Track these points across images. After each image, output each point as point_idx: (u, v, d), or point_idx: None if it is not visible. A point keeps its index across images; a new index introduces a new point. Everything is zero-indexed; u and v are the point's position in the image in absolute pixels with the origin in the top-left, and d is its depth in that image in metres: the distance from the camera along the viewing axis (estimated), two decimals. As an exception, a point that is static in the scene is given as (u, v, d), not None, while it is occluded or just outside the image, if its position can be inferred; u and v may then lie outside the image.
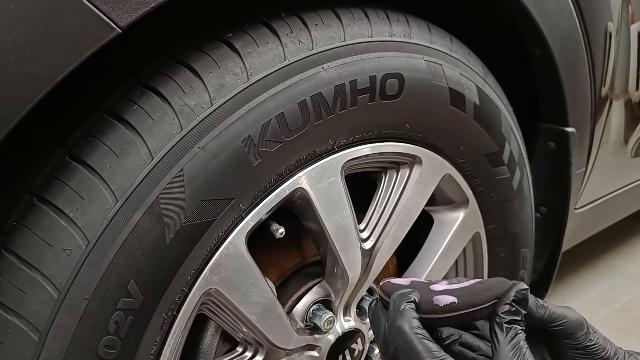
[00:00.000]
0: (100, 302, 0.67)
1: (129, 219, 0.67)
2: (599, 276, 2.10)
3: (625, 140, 1.48)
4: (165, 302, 0.73)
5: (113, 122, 0.69)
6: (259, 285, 0.81)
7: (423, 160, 0.94)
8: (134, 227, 0.68)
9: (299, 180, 0.81)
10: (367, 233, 0.93)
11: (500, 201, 1.08)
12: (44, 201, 0.67)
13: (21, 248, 0.67)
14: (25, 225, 0.67)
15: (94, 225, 0.66)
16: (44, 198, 0.67)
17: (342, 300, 0.94)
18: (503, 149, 1.04)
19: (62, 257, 0.66)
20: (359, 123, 0.84)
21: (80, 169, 0.67)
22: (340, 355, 0.97)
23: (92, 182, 0.67)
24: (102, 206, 0.67)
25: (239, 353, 0.89)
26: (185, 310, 0.76)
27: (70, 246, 0.66)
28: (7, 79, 0.55)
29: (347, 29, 0.81)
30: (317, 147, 0.81)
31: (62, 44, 0.57)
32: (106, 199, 0.67)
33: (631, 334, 1.77)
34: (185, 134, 0.69)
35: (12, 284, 0.66)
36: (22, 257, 0.66)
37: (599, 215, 1.59)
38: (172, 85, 0.70)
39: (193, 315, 0.77)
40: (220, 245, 0.76)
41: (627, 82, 1.36)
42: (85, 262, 0.66)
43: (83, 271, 0.66)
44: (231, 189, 0.74)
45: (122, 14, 0.60)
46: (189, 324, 0.78)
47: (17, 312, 0.66)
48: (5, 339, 0.67)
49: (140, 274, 0.69)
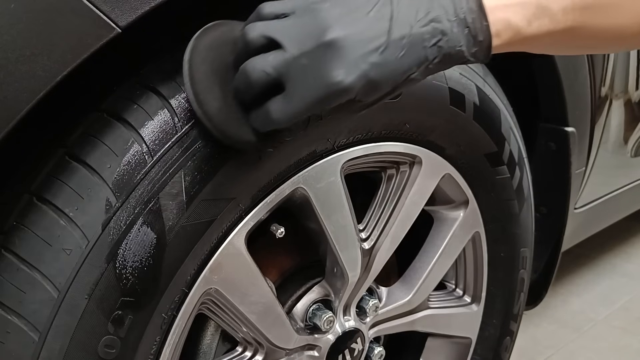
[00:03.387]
0: (100, 302, 0.67)
1: (129, 219, 0.67)
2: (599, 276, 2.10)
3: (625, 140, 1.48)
4: (165, 302, 0.73)
5: (113, 122, 0.69)
6: (258, 285, 0.81)
7: (423, 160, 0.94)
8: (134, 227, 0.68)
9: (298, 180, 0.81)
10: (366, 233, 0.93)
11: (500, 201, 1.08)
12: (44, 201, 0.67)
13: (21, 247, 0.67)
14: (25, 225, 0.67)
15: (93, 225, 0.66)
16: (43, 197, 0.67)
17: (342, 300, 0.94)
18: (503, 149, 1.04)
19: (62, 257, 0.66)
20: (359, 123, 0.84)
21: (80, 168, 0.67)
22: (340, 355, 0.97)
23: (92, 182, 0.67)
24: (101, 206, 0.67)
25: (238, 353, 0.89)
26: (185, 310, 0.76)
27: (70, 246, 0.66)
28: (7, 79, 0.55)
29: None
30: (317, 146, 0.81)
31: (61, 44, 0.57)
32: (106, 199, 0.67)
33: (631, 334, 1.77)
34: (185, 134, 0.69)
35: (12, 283, 0.66)
36: (21, 256, 0.66)
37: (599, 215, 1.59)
38: (172, 85, 0.70)
39: (193, 315, 0.78)
40: (220, 245, 0.76)
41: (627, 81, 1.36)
42: (85, 262, 0.66)
43: (83, 271, 0.66)
44: (231, 189, 0.74)
45: (122, 13, 0.60)
46: (189, 323, 0.78)
47: (17, 312, 0.66)
48: (5, 339, 0.67)
49: (140, 274, 0.69)
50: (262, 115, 0.61)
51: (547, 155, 1.22)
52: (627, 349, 1.71)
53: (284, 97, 0.59)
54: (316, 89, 0.57)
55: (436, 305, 1.12)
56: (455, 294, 1.17)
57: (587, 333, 1.79)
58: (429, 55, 0.58)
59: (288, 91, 0.59)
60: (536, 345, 1.73)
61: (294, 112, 0.59)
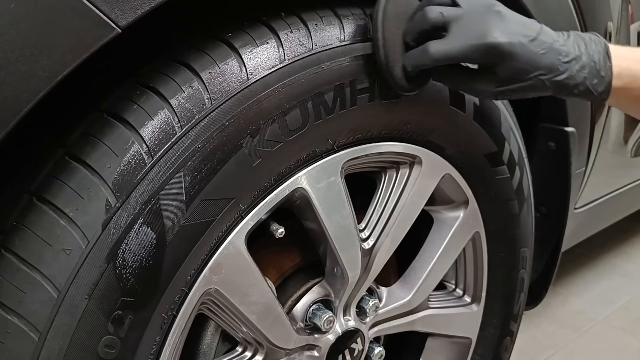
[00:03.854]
0: (100, 302, 0.67)
1: (129, 219, 0.67)
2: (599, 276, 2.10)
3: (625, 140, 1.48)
4: (165, 302, 0.73)
5: (113, 122, 0.69)
6: (258, 285, 0.82)
7: (423, 160, 0.94)
8: (134, 227, 0.68)
9: (298, 180, 0.81)
10: (366, 233, 0.93)
11: (500, 201, 1.08)
12: (44, 201, 0.67)
13: (21, 248, 0.67)
14: (25, 225, 0.67)
15: (93, 225, 0.66)
16: (43, 198, 0.67)
17: (342, 300, 0.94)
18: (503, 149, 1.04)
19: (62, 257, 0.66)
20: (359, 123, 0.84)
21: (80, 168, 0.67)
22: (340, 355, 0.97)
23: (92, 182, 0.67)
24: (101, 206, 0.67)
25: (238, 353, 0.89)
26: (185, 310, 0.76)
27: (70, 246, 0.66)
28: (7, 79, 0.55)
29: (347, 29, 0.81)
30: (317, 146, 0.81)
31: (61, 44, 0.57)
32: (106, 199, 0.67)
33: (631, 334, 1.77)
34: (185, 134, 0.69)
35: (12, 283, 0.66)
36: (21, 256, 0.66)
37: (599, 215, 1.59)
38: (171, 85, 0.70)
39: (193, 315, 0.78)
40: (220, 245, 0.76)
41: (627, 82, 1.36)
42: (85, 262, 0.66)
43: (83, 271, 0.66)
44: (231, 189, 0.74)
45: (121, 13, 0.60)
46: (189, 323, 0.78)
47: (17, 312, 0.66)
48: (5, 339, 0.67)
49: (140, 274, 0.69)
50: (421, 51, 0.77)
51: (547, 155, 1.22)
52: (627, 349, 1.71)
53: (444, 40, 0.75)
54: (473, 39, 0.74)
55: (436, 306, 1.12)
56: (455, 294, 1.17)
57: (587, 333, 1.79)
58: (560, 68, 0.75)
59: (449, 36, 0.75)
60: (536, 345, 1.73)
61: (448, 52, 0.75)
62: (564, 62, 0.76)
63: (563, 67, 0.75)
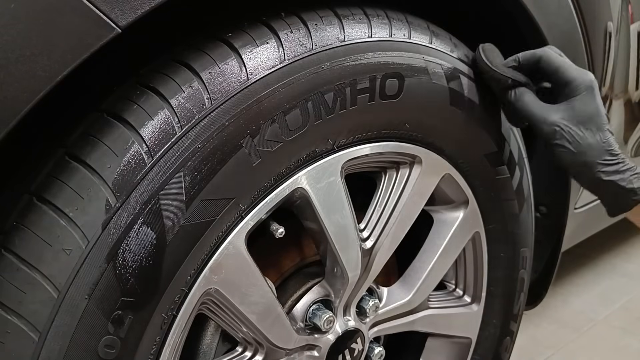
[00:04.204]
0: (100, 302, 0.67)
1: (129, 219, 0.67)
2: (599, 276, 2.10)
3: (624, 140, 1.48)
4: (165, 302, 0.73)
5: (113, 122, 0.69)
6: (258, 285, 0.81)
7: (423, 160, 0.94)
8: (134, 227, 0.68)
9: (298, 180, 0.81)
10: (366, 233, 0.93)
11: (500, 201, 1.08)
12: (44, 201, 0.67)
13: (21, 248, 0.67)
14: (25, 225, 0.67)
15: (93, 225, 0.66)
16: (43, 198, 0.67)
17: (342, 300, 0.94)
18: (503, 149, 1.04)
19: (62, 257, 0.66)
20: (359, 123, 0.84)
21: (80, 168, 0.67)
22: (340, 355, 0.97)
23: (92, 182, 0.67)
24: (101, 206, 0.67)
25: (238, 353, 0.89)
26: (185, 310, 0.76)
27: (70, 246, 0.66)
28: (7, 79, 0.55)
29: (347, 29, 0.81)
30: (317, 146, 0.81)
31: (61, 44, 0.57)
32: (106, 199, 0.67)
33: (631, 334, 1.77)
34: (185, 134, 0.69)
35: (12, 283, 0.66)
36: (21, 256, 0.66)
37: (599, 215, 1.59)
38: (171, 85, 0.70)
39: (193, 315, 0.78)
40: (220, 245, 0.76)
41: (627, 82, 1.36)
42: (85, 262, 0.66)
43: (83, 271, 0.66)
44: (231, 189, 0.74)
45: (121, 13, 0.60)
46: (189, 323, 0.78)
47: (17, 312, 0.66)
48: (5, 339, 0.67)
49: (140, 274, 0.69)
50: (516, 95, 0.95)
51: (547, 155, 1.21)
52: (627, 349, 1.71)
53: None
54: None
55: (436, 305, 1.12)
56: (455, 294, 1.17)
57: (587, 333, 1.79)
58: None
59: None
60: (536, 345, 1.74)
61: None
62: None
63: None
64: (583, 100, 0.90)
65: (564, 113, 0.91)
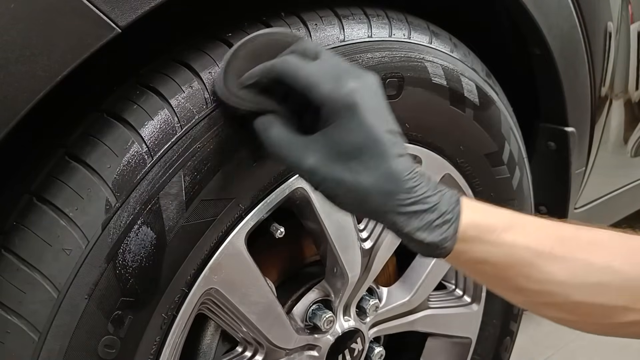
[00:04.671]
0: (100, 302, 0.67)
1: (129, 219, 0.67)
2: (599, 276, 2.10)
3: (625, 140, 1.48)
4: (165, 302, 0.73)
5: (113, 122, 0.69)
6: (258, 285, 0.81)
7: (423, 160, 0.94)
8: (134, 227, 0.68)
9: (298, 180, 0.81)
10: (366, 233, 0.93)
11: (500, 201, 1.08)
12: (44, 201, 0.67)
13: (21, 248, 0.66)
14: (25, 225, 0.67)
15: (93, 225, 0.66)
16: (43, 198, 0.67)
17: (342, 300, 0.94)
18: (503, 149, 1.04)
19: (62, 257, 0.66)
20: (359, 123, 0.84)
21: (80, 168, 0.67)
22: (340, 355, 0.97)
23: (92, 182, 0.67)
24: (101, 206, 0.67)
25: (238, 353, 0.89)
26: (185, 310, 0.76)
27: (70, 246, 0.66)
28: (7, 79, 0.55)
29: (347, 29, 0.81)
30: (317, 146, 0.81)
31: (61, 44, 0.57)
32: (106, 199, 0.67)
33: (631, 334, 1.77)
34: (185, 134, 0.69)
35: (12, 283, 0.66)
36: (21, 256, 0.66)
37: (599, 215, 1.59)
38: (171, 85, 0.70)
39: (193, 315, 0.78)
40: (220, 245, 0.76)
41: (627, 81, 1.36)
42: (85, 262, 0.66)
43: (83, 271, 0.66)
44: (231, 189, 0.74)
45: (121, 13, 0.60)
46: (189, 323, 0.78)
47: (17, 312, 0.66)
48: (5, 339, 0.67)
49: (140, 274, 0.69)
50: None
51: (547, 155, 1.22)
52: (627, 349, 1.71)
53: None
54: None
55: (436, 305, 1.12)
56: (455, 294, 1.17)
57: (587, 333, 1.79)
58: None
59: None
60: (536, 345, 1.73)
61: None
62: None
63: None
64: (343, 125, 0.61)
65: (323, 149, 0.62)
